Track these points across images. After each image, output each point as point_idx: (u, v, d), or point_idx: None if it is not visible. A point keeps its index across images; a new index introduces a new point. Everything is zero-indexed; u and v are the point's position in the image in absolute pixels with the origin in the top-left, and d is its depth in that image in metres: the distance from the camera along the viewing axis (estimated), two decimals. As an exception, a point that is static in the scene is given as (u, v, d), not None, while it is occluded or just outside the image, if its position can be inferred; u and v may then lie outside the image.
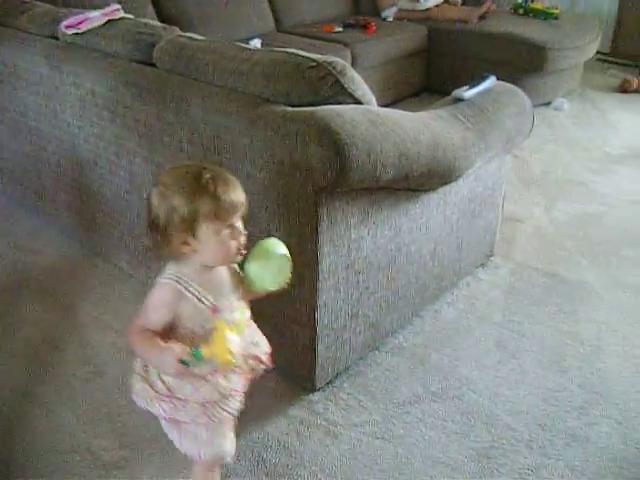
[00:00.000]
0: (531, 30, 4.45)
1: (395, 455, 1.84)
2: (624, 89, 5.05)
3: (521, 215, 3.14)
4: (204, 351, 1.26)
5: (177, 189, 1.27)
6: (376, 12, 4.90)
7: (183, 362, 1.25)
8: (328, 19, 4.69)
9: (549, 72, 4.39)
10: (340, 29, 4.42)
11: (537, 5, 5.00)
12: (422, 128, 1.87)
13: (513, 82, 4.25)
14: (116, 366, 2.11)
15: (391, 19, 4.74)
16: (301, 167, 1.65)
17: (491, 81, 2.35)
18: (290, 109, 1.73)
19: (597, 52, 5.00)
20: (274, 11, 4.49)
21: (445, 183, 2.05)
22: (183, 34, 2.18)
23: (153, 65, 2.15)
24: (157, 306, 1.33)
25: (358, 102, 1.86)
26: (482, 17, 4.72)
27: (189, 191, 1.26)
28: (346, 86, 1.83)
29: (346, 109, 1.74)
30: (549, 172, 3.66)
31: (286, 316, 1.94)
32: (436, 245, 2.23)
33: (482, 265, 2.66)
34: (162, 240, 1.31)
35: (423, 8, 4.78)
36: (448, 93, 2.29)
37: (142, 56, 2.18)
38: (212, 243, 1.30)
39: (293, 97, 1.78)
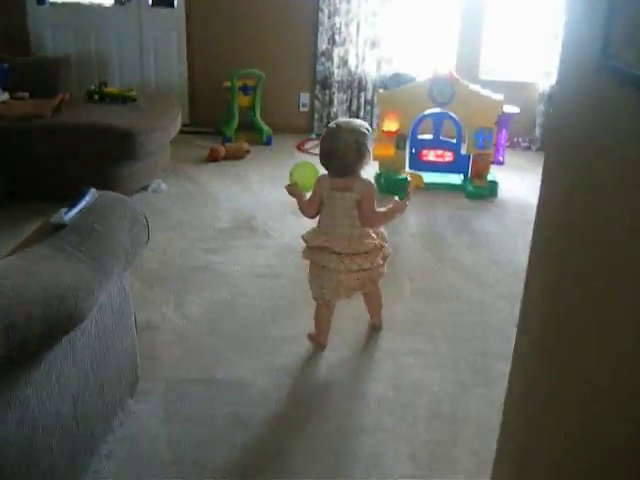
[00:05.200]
0: (113, 116, 4.26)
1: None
2: (214, 158, 5.12)
3: (154, 321, 2.82)
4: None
5: (362, 127, 2.51)
6: None
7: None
8: None
9: (141, 156, 4.22)
10: None
11: (112, 89, 4.85)
12: (26, 282, 1.51)
13: (106, 172, 4.03)
14: None
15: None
16: None
17: (91, 195, 2.07)
18: None
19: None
20: None
21: (69, 331, 1.70)
22: None
23: None
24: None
25: None
26: (57, 109, 4.37)
27: (366, 128, 2.53)
28: None
29: None
30: (167, 264, 3.40)
31: None
32: (75, 400, 1.84)
33: (131, 396, 2.30)
34: (364, 160, 2.51)
35: (-15, 106, 4.26)
36: (40, 197, 1.90)
37: None
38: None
39: None
